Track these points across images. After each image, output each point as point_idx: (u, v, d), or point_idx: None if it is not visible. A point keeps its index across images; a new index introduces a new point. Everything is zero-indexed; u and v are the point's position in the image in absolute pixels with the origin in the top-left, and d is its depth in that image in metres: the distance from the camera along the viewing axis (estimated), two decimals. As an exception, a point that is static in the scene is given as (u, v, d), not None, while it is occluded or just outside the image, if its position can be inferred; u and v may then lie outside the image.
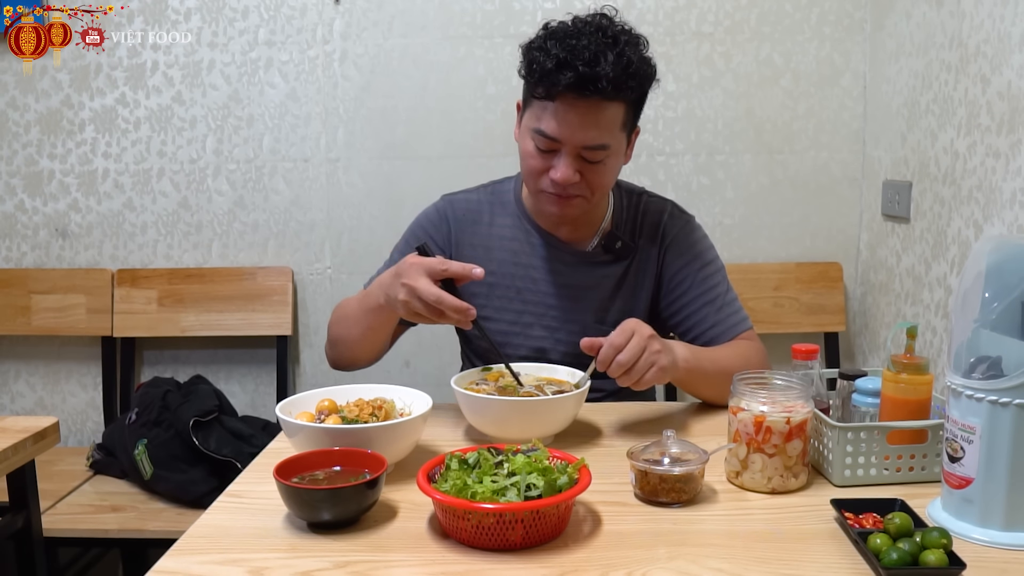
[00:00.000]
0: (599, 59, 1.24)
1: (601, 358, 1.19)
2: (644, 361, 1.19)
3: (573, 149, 1.31)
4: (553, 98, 1.28)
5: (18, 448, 1.41)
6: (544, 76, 1.26)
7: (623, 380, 1.20)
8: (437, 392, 1.24)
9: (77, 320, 2.37)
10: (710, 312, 1.44)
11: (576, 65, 1.23)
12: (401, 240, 1.56)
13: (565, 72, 1.24)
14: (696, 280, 1.46)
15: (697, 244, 1.49)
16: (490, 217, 1.51)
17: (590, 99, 1.26)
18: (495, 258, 1.48)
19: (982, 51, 1.67)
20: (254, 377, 2.46)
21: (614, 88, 1.26)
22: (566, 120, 1.28)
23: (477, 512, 0.90)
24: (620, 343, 1.19)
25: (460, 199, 1.55)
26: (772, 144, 2.30)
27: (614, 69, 1.24)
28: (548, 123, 1.30)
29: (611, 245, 1.46)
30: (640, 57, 1.31)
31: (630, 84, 1.29)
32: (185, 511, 1.94)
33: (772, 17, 2.25)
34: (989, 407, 0.92)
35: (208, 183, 2.36)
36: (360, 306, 1.38)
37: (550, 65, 1.25)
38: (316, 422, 1.13)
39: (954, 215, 1.79)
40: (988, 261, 0.95)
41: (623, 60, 1.26)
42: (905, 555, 0.85)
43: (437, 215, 1.53)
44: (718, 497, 1.06)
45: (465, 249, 1.50)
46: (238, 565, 0.90)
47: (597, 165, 1.33)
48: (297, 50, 2.30)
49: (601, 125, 1.29)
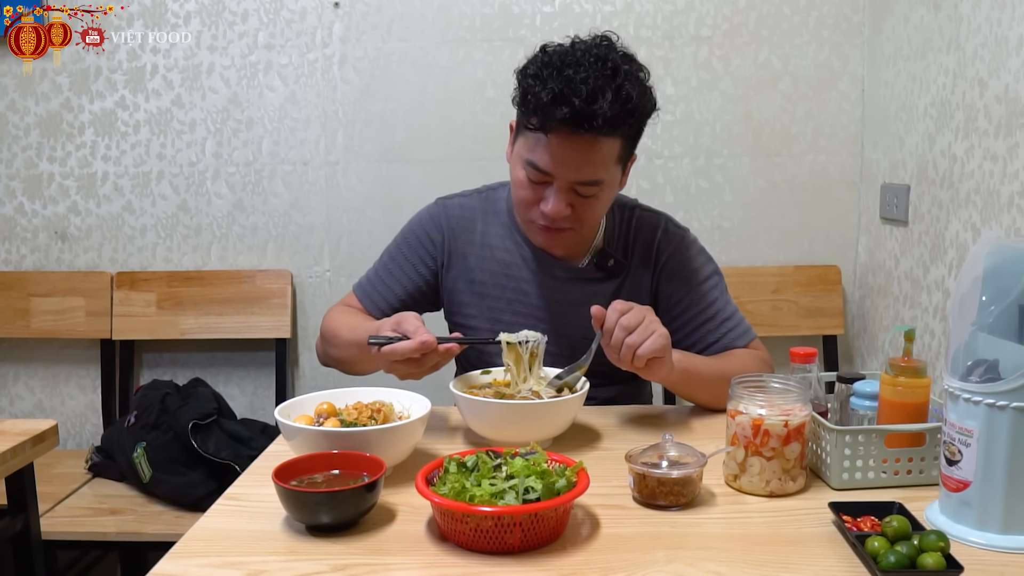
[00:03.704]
0: (597, 96, 1.19)
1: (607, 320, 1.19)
2: (644, 327, 1.19)
3: (565, 183, 1.27)
4: (547, 132, 1.23)
5: (17, 451, 1.41)
6: (539, 109, 1.22)
7: (625, 348, 1.18)
8: (436, 395, 1.24)
9: (76, 323, 2.37)
10: (711, 328, 1.43)
11: (573, 101, 1.19)
12: (392, 243, 1.54)
13: (561, 107, 1.19)
14: (695, 299, 1.43)
15: (693, 261, 1.46)
16: (483, 225, 1.49)
17: (585, 135, 1.21)
18: (487, 268, 1.47)
19: (980, 55, 1.67)
20: (253, 380, 2.46)
21: (611, 126, 1.21)
22: (559, 155, 1.24)
23: (475, 515, 0.90)
24: (623, 308, 1.20)
25: (454, 204, 1.52)
26: (770, 147, 2.31)
27: (612, 107, 1.20)
28: (540, 156, 1.25)
29: (603, 263, 1.43)
30: (640, 91, 1.25)
31: (628, 121, 1.25)
32: (184, 514, 1.94)
33: (770, 20, 2.25)
34: (986, 410, 0.92)
35: (207, 186, 2.37)
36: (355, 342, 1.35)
37: (545, 98, 1.20)
38: (315, 425, 1.13)
39: (952, 218, 1.79)
40: (986, 264, 0.95)
41: (622, 96, 1.21)
42: (903, 558, 0.85)
43: (431, 221, 1.51)
44: (716, 500, 1.06)
45: (456, 258, 1.48)
46: (236, 568, 0.90)
47: (589, 199, 1.29)
48: (296, 53, 2.30)
49: (595, 161, 1.25)
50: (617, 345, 1.19)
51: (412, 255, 1.50)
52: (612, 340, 1.19)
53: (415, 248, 1.50)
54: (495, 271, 1.46)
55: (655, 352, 1.19)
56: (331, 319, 1.48)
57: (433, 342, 1.18)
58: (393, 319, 1.24)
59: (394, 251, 1.52)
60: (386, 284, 1.49)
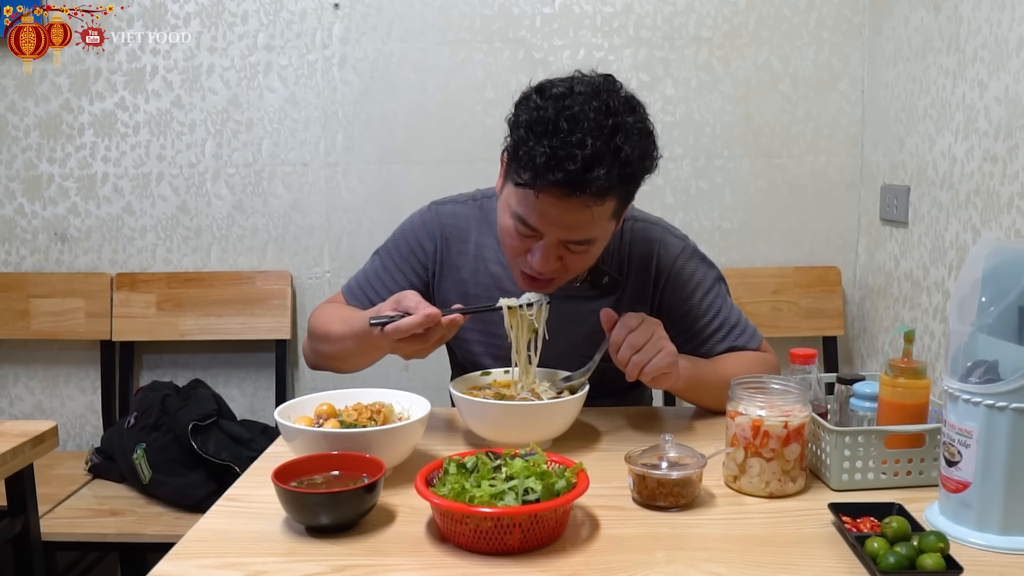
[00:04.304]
0: (594, 163, 1.10)
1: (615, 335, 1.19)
2: (652, 345, 1.18)
3: (555, 240, 1.20)
4: (537, 192, 1.15)
5: (17, 452, 1.41)
6: (530, 168, 1.13)
7: (632, 365, 1.18)
8: (435, 396, 1.24)
9: (76, 324, 2.37)
10: (719, 339, 1.41)
11: (567, 166, 1.10)
12: (384, 247, 1.50)
13: (554, 172, 1.11)
14: (700, 311, 1.41)
15: (695, 274, 1.42)
16: (477, 235, 1.44)
17: (579, 198, 1.13)
18: (480, 281, 1.43)
19: (980, 56, 1.67)
20: (253, 381, 2.46)
21: (606, 193, 1.14)
22: (550, 215, 1.17)
23: (475, 516, 0.90)
24: (632, 324, 1.20)
25: (448, 211, 1.47)
26: (770, 148, 2.31)
27: (608, 175, 1.11)
28: (529, 214, 1.18)
29: (598, 280, 1.39)
30: (641, 152, 1.16)
31: (626, 186, 1.18)
32: (183, 515, 1.94)
33: (770, 22, 2.25)
34: (986, 411, 0.92)
35: (207, 187, 2.37)
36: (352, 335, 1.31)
37: (539, 159, 1.11)
38: (315, 426, 1.13)
39: (952, 219, 1.79)
40: (985, 265, 0.95)
41: (620, 160, 1.13)
42: (902, 559, 0.85)
43: (424, 229, 1.46)
44: (716, 501, 1.06)
45: (448, 269, 1.45)
46: (236, 569, 0.90)
47: (580, 253, 1.23)
48: (296, 54, 2.30)
49: (588, 222, 1.17)
50: (624, 361, 1.19)
51: (403, 263, 1.46)
52: (619, 356, 1.19)
53: (406, 256, 1.46)
54: (488, 284, 1.43)
55: (661, 370, 1.19)
56: (320, 316, 1.44)
57: (437, 315, 1.15)
58: (392, 299, 1.21)
59: (385, 256, 1.49)
60: (375, 289, 1.45)
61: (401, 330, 1.15)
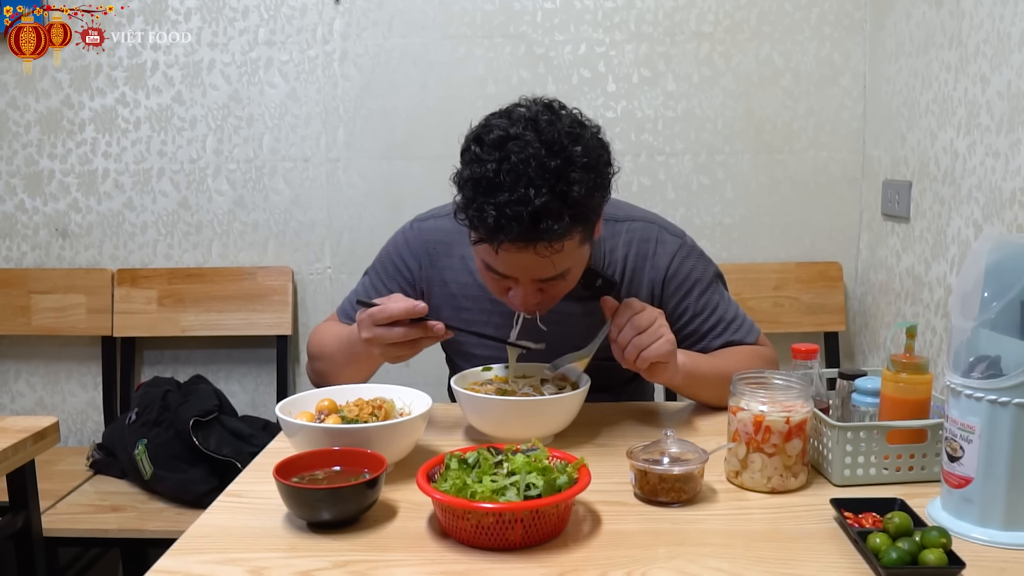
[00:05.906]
0: (542, 217, 1.09)
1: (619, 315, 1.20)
2: (654, 330, 1.18)
3: (529, 280, 1.21)
4: (495, 248, 1.15)
5: (18, 448, 1.41)
6: (481, 229, 1.13)
7: (632, 347, 1.18)
8: (437, 392, 1.24)
9: (77, 320, 2.37)
10: (716, 335, 1.41)
11: (515, 227, 1.09)
12: (371, 267, 1.51)
13: (504, 232, 1.10)
14: (698, 308, 1.41)
15: (694, 271, 1.41)
16: (460, 247, 1.41)
17: (536, 248, 1.12)
18: (470, 294, 1.42)
19: (982, 51, 1.67)
20: (254, 377, 2.46)
21: (563, 236, 1.13)
22: (515, 265, 1.18)
23: (477, 512, 0.90)
24: (636, 307, 1.20)
25: (429, 227, 1.46)
26: (772, 144, 2.30)
27: (560, 223, 1.10)
28: (497, 264, 1.19)
29: (591, 283, 1.36)
30: (589, 188, 1.13)
31: (581, 223, 1.15)
32: (185, 511, 1.94)
33: (772, 17, 2.25)
34: (988, 406, 0.92)
35: (208, 183, 2.36)
36: (341, 346, 1.34)
37: (489, 221, 1.10)
38: (316, 422, 1.13)
39: (954, 215, 1.79)
40: (987, 260, 0.95)
41: (568, 204, 1.10)
42: (904, 554, 0.85)
43: (407, 248, 1.46)
44: (717, 497, 1.06)
45: (436, 285, 1.44)
46: (238, 565, 0.90)
47: (559, 281, 1.23)
48: (297, 50, 2.30)
49: (555, 261, 1.16)
50: (624, 342, 1.19)
51: (391, 282, 1.46)
52: (620, 336, 1.19)
53: (393, 276, 1.46)
54: (478, 296, 1.41)
55: (660, 357, 1.19)
56: (316, 336, 1.47)
57: (425, 308, 1.17)
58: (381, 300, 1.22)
59: (373, 276, 1.49)
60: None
61: (386, 312, 1.16)
